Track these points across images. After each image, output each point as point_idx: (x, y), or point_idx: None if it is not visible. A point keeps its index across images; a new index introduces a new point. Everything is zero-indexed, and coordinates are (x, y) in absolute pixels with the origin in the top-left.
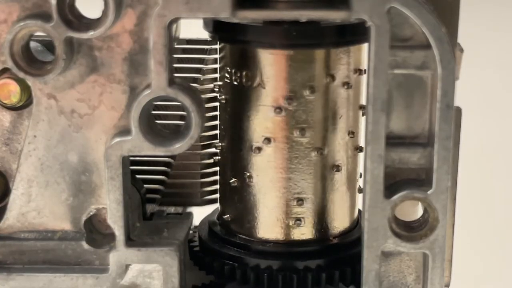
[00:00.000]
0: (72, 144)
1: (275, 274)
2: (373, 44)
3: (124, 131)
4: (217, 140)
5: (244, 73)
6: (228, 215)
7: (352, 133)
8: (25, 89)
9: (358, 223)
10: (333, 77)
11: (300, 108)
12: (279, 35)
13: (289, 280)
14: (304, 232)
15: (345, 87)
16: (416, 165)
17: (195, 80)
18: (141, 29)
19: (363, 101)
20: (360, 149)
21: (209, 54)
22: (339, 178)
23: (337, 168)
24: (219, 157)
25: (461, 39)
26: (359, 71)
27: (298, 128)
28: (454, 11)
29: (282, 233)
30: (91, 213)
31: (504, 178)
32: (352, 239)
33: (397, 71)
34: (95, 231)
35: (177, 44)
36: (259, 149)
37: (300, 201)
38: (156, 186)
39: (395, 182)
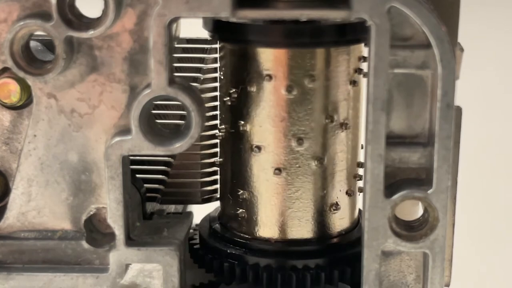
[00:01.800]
0: (72, 144)
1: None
2: (373, 43)
3: (124, 131)
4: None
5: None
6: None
7: (301, 140)
8: (25, 89)
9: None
10: (270, 77)
11: (242, 102)
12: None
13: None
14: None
15: (287, 90)
16: (416, 165)
17: (195, 79)
18: (141, 29)
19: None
20: (319, 160)
21: (209, 54)
22: (283, 182)
23: (278, 170)
24: None
25: (461, 39)
26: (311, 77)
27: (237, 122)
28: (454, 11)
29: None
30: (91, 213)
31: (504, 178)
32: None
33: (397, 71)
34: (95, 231)
35: (177, 44)
36: (220, 135)
37: (241, 198)
38: (156, 186)
39: (395, 182)
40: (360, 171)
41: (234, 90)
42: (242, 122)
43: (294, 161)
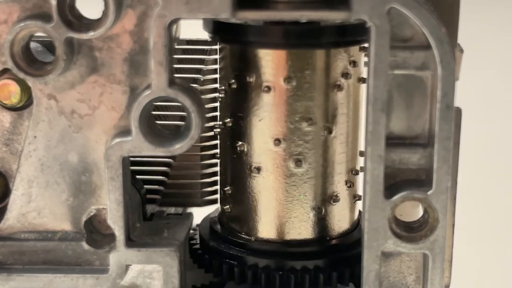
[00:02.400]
0: (72, 145)
1: None
2: (373, 44)
3: (124, 132)
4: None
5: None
6: None
7: (278, 141)
8: (25, 90)
9: None
10: (249, 77)
11: (227, 99)
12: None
13: None
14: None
15: (264, 90)
16: (416, 166)
17: (195, 80)
18: (141, 30)
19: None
20: (297, 163)
21: (209, 55)
22: (261, 182)
23: (257, 169)
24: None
25: (461, 39)
26: (288, 78)
27: (225, 118)
28: (454, 11)
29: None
30: (91, 214)
31: (504, 178)
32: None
33: (397, 72)
34: (95, 232)
35: (177, 45)
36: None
37: (227, 194)
38: (156, 187)
39: (395, 183)
40: (355, 178)
41: (222, 87)
42: (228, 120)
43: (271, 162)
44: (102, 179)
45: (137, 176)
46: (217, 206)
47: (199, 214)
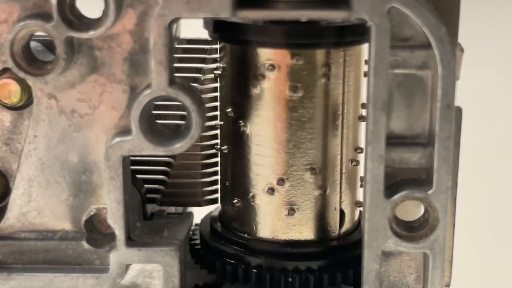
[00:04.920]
0: (73, 144)
1: None
2: (373, 44)
3: (125, 131)
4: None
5: None
6: None
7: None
8: (26, 89)
9: None
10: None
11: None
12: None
13: None
14: None
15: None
16: (416, 165)
17: (195, 79)
18: (141, 29)
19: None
20: (220, 150)
21: (210, 54)
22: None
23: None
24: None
25: (461, 39)
26: (218, 68)
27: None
28: (454, 11)
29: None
30: (92, 213)
31: (504, 178)
32: None
33: (397, 71)
34: (95, 231)
35: (178, 44)
36: None
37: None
38: (157, 186)
39: (396, 182)
40: (276, 182)
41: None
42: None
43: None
44: (102, 179)
45: (137, 176)
46: (217, 205)
47: (199, 214)
